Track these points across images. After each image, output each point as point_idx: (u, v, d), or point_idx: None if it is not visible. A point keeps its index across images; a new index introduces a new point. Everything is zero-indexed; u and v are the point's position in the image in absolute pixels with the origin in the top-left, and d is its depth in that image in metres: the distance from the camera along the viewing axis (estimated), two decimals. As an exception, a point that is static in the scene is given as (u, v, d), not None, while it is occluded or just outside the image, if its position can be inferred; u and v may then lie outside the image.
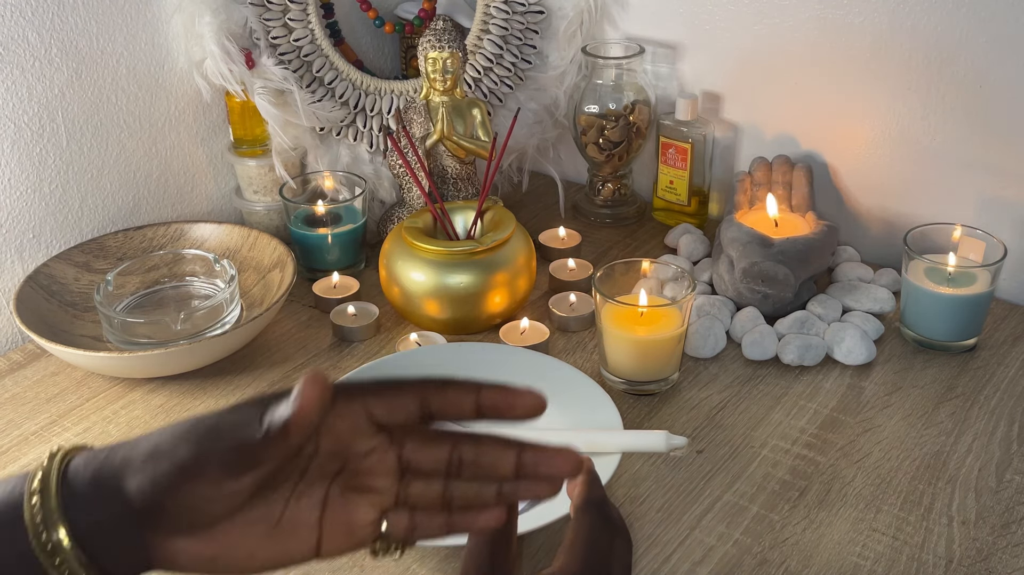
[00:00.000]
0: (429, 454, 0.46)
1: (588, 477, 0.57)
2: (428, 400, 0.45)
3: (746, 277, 0.96)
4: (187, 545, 0.44)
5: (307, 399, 0.43)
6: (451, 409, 0.45)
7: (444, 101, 1.05)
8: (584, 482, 0.57)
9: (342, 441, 0.45)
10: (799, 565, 0.71)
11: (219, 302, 0.92)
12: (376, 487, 0.46)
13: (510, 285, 0.95)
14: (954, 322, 0.92)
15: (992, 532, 0.73)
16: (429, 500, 0.47)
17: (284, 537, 0.45)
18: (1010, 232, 1.00)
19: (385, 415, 0.45)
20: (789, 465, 0.80)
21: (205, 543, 0.44)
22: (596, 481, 0.57)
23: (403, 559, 0.71)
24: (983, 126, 1.00)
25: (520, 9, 1.15)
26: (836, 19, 1.04)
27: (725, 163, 1.19)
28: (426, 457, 0.46)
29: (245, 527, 0.44)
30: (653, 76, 1.19)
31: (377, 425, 0.46)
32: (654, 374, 0.87)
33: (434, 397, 0.45)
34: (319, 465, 0.46)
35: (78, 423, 0.86)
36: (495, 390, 0.45)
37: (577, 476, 0.47)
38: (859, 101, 1.07)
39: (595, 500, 0.56)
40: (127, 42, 1.02)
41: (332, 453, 0.46)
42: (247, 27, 1.06)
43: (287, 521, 0.45)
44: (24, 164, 0.97)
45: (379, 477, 0.46)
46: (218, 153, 1.15)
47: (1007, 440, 0.83)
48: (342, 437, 0.45)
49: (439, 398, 0.45)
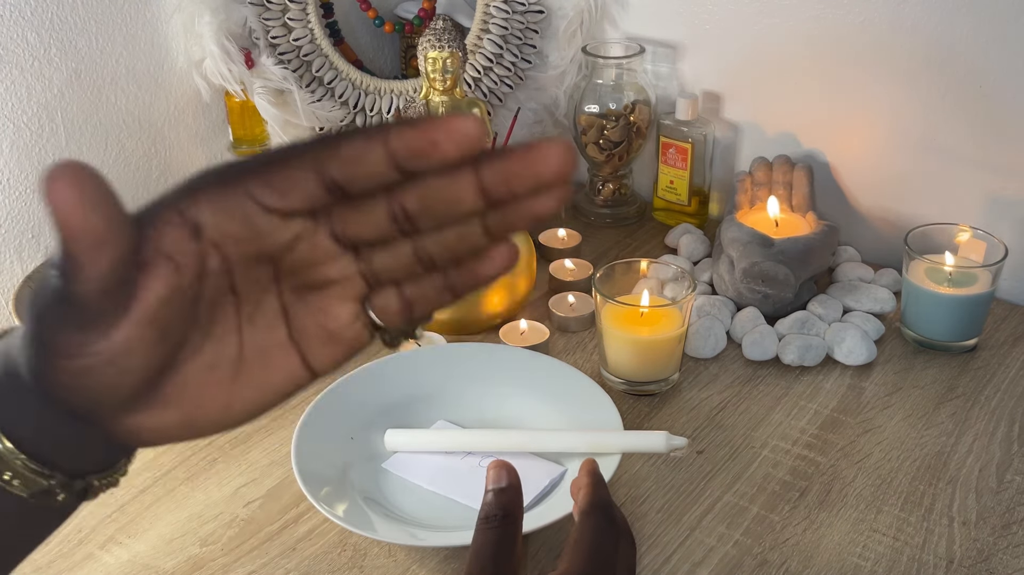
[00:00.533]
0: (365, 220, 0.36)
1: (593, 479, 0.57)
2: (325, 168, 0.34)
3: (746, 277, 0.95)
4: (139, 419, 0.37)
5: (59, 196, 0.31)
6: (358, 171, 0.34)
7: (444, 101, 1.05)
8: (589, 484, 0.56)
9: (246, 240, 0.35)
10: (799, 566, 0.71)
11: (219, 302, 0.92)
12: (331, 277, 0.37)
13: (510, 285, 0.95)
14: (955, 322, 0.92)
15: (993, 533, 0.73)
16: (406, 265, 0.37)
17: (258, 370, 0.38)
18: (1011, 232, 1.00)
19: (280, 201, 0.35)
20: (789, 466, 0.80)
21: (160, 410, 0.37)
22: (601, 483, 0.57)
23: (403, 560, 0.71)
24: (983, 126, 1.00)
25: (520, 9, 1.15)
26: (836, 19, 1.04)
27: (725, 163, 1.19)
28: (364, 225, 0.36)
29: (201, 375, 0.37)
30: (653, 76, 1.18)
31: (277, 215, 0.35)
32: (654, 374, 0.87)
33: (331, 162, 0.34)
34: (243, 276, 0.37)
35: (77, 423, 0.86)
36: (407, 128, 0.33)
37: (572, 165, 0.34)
38: (859, 101, 1.07)
39: (600, 502, 0.55)
40: (127, 42, 1.02)
41: (247, 258, 0.36)
42: (247, 27, 1.06)
43: (250, 351, 0.38)
44: (24, 164, 0.97)
45: (325, 265, 0.37)
46: (218, 153, 1.15)
47: (1008, 440, 0.83)
48: (242, 236, 0.35)
49: (337, 162, 0.34)
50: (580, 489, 0.57)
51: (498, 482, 0.53)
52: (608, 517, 0.54)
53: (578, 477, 0.58)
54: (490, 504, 0.53)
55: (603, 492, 0.56)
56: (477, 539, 0.51)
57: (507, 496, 0.53)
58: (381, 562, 0.71)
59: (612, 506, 0.56)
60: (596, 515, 0.54)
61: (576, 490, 0.58)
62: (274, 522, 0.75)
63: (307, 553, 0.72)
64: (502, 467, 0.54)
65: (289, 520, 0.75)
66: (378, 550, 0.72)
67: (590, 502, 0.55)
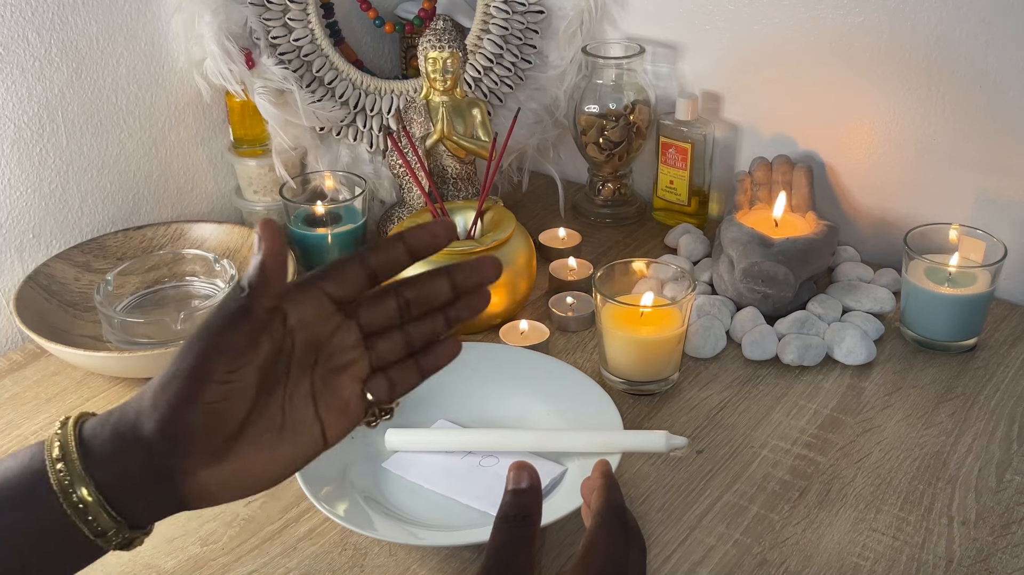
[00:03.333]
0: (381, 310, 0.53)
1: (607, 481, 0.57)
2: (367, 261, 0.51)
3: (746, 277, 0.96)
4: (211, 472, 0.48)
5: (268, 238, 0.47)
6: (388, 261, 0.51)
7: (444, 101, 1.05)
8: (604, 487, 0.56)
9: (312, 329, 0.51)
10: (799, 565, 0.71)
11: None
12: (349, 361, 0.52)
13: (510, 285, 0.95)
14: (954, 322, 0.92)
15: (992, 532, 0.73)
16: (395, 353, 0.54)
17: (293, 438, 0.51)
18: (1010, 232, 1.00)
19: (340, 290, 0.51)
20: (789, 465, 0.80)
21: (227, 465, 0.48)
22: (615, 486, 0.57)
23: (403, 559, 0.71)
24: (983, 126, 1.00)
25: (520, 9, 1.15)
26: (836, 19, 1.04)
27: (725, 163, 1.19)
28: (379, 313, 0.53)
29: (256, 439, 0.49)
30: (653, 76, 1.19)
31: (337, 303, 0.51)
32: (654, 374, 0.87)
33: (371, 257, 0.51)
34: (299, 360, 0.51)
35: (78, 423, 0.86)
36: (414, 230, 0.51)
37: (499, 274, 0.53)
38: (859, 101, 1.07)
39: (614, 505, 0.55)
40: (127, 42, 1.02)
41: (306, 345, 0.51)
42: (247, 27, 1.06)
43: (290, 422, 0.50)
44: (24, 164, 0.97)
45: (349, 351, 0.52)
46: (218, 153, 1.15)
47: (1007, 440, 0.83)
48: (311, 325, 0.51)
49: (375, 256, 0.51)
50: (593, 491, 0.57)
51: (518, 483, 0.53)
52: (621, 521, 0.54)
53: (591, 477, 0.58)
54: (509, 504, 0.52)
55: (617, 495, 0.56)
56: (495, 538, 0.51)
57: (527, 498, 0.53)
58: (381, 561, 0.71)
59: (625, 510, 0.56)
60: (610, 518, 0.54)
61: (589, 491, 0.57)
62: (275, 521, 0.75)
63: (308, 552, 0.72)
64: (523, 468, 0.54)
65: (290, 519, 0.76)
66: (378, 549, 0.72)
67: (604, 504, 0.55)
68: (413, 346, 0.54)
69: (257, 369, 0.48)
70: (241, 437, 0.49)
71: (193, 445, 0.47)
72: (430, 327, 0.54)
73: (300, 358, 0.51)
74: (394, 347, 0.54)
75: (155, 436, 0.47)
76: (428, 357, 0.55)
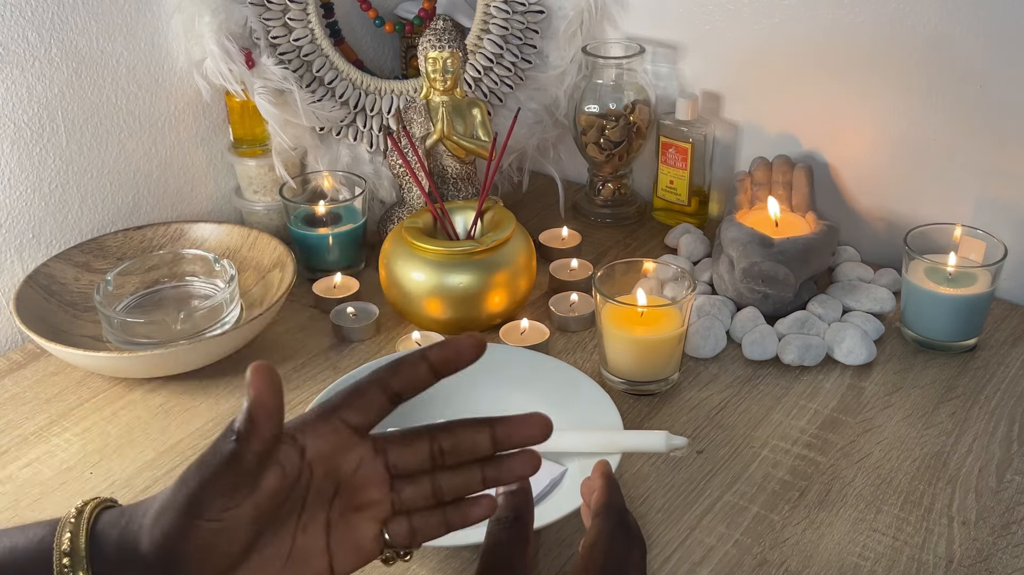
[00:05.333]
0: (412, 452, 0.49)
1: (607, 482, 0.57)
2: (389, 384, 0.48)
3: (746, 277, 0.96)
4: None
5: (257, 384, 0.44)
6: (411, 382, 0.48)
7: (444, 101, 1.05)
8: (604, 487, 0.56)
9: (331, 461, 0.48)
10: (799, 565, 0.71)
11: (219, 302, 0.92)
12: (372, 500, 0.49)
13: (510, 285, 0.95)
14: (954, 322, 0.92)
15: (992, 532, 0.73)
16: (422, 500, 0.49)
17: (298, 568, 0.48)
18: (1010, 232, 1.00)
19: (360, 418, 0.48)
20: (789, 465, 0.80)
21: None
22: (615, 486, 0.57)
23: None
24: (983, 126, 1.00)
25: (520, 9, 1.15)
26: (836, 19, 1.04)
27: (725, 163, 1.19)
28: (410, 456, 0.49)
29: (261, 565, 0.47)
30: (653, 76, 1.19)
31: (359, 433, 0.48)
32: (654, 374, 0.87)
33: (392, 378, 0.48)
34: (316, 492, 0.48)
35: (78, 423, 0.86)
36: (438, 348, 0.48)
37: (547, 435, 0.49)
38: (859, 101, 1.07)
39: (614, 506, 0.55)
40: (127, 42, 1.02)
41: (325, 476, 0.48)
42: (247, 27, 1.06)
43: (298, 552, 0.48)
44: (24, 164, 0.97)
45: (372, 489, 0.49)
46: (218, 153, 1.15)
47: (1007, 440, 0.83)
48: (330, 457, 0.48)
49: (396, 379, 0.48)
50: (593, 491, 0.57)
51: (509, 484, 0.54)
52: (622, 522, 0.54)
53: (591, 478, 0.58)
54: (501, 506, 0.53)
55: (617, 496, 0.56)
56: (489, 539, 0.51)
57: (518, 498, 0.53)
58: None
59: (626, 511, 0.56)
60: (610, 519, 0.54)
61: (588, 492, 0.57)
62: (274, 522, 0.75)
63: (307, 553, 0.72)
64: None
65: (289, 520, 0.75)
66: (378, 550, 0.72)
67: (604, 504, 0.55)
68: (442, 498, 0.50)
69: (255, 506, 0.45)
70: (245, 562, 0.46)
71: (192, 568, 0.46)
72: (463, 482, 0.50)
73: (319, 490, 0.48)
74: (422, 494, 0.50)
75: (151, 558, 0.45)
76: (457, 512, 0.50)
